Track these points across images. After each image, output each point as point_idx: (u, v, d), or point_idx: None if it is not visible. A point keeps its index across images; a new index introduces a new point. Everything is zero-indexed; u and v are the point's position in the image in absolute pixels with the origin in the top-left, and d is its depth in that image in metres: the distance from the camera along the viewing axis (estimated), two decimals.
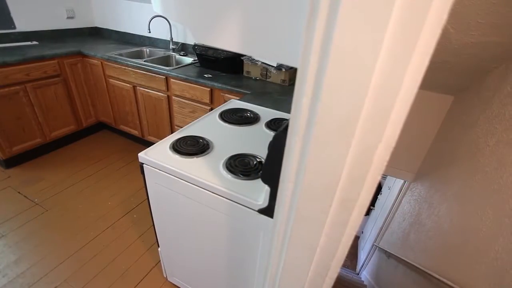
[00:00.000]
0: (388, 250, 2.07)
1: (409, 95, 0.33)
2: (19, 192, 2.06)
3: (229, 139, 1.15)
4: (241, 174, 0.92)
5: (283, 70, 1.96)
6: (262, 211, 0.81)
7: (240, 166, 0.96)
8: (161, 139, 2.46)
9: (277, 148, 0.62)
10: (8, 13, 2.38)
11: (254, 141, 1.15)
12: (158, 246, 1.34)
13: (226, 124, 1.27)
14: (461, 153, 1.27)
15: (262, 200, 0.82)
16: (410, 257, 1.58)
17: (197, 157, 1.01)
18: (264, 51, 0.52)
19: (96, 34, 3.10)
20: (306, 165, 0.42)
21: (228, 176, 0.92)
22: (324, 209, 0.46)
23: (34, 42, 2.52)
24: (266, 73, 2.05)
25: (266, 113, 1.44)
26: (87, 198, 2.06)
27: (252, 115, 1.37)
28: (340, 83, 0.34)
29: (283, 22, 0.45)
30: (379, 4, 0.27)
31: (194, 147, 1.05)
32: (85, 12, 2.96)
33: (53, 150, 2.54)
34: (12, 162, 2.27)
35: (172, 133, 2.33)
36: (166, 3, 0.63)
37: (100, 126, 2.89)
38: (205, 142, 1.08)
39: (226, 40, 0.55)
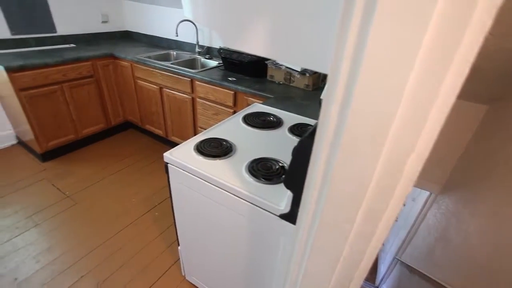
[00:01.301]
0: (411, 265, 1.98)
1: (446, 106, 0.32)
2: (53, 185, 2.19)
3: (252, 143, 1.16)
4: (263, 178, 0.93)
5: (307, 75, 1.95)
6: (284, 217, 0.81)
7: (263, 170, 0.97)
8: (184, 140, 2.52)
9: (302, 153, 0.62)
10: (51, 18, 2.56)
11: (277, 145, 1.16)
12: (178, 245, 1.37)
13: (249, 128, 1.28)
14: (498, 167, 1.19)
15: (284, 205, 0.82)
16: (436, 274, 1.50)
17: (220, 159, 1.02)
18: (292, 56, 0.52)
19: (127, 37, 3.26)
20: (333, 173, 0.42)
21: (250, 179, 0.93)
22: (350, 219, 0.45)
23: (72, 45, 2.69)
24: (290, 77, 2.05)
25: (289, 118, 1.44)
26: (113, 193, 2.15)
27: (275, 119, 1.38)
28: (372, 90, 0.33)
29: (313, 27, 0.45)
30: (418, 9, 0.27)
31: (217, 149, 1.07)
32: (118, 16, 3.12)
33: (83, 146, 2.68)
34: (48, 156, 2.43)
35: (195, 134, 2.39)
36: (197, 9, 0.65)
37: (127, 125, 3.02)
38: (228, 144, 1.10)
39: (255, 45, 0.56)
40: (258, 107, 1.57)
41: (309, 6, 0.43)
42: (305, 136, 0.62)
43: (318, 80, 2.07)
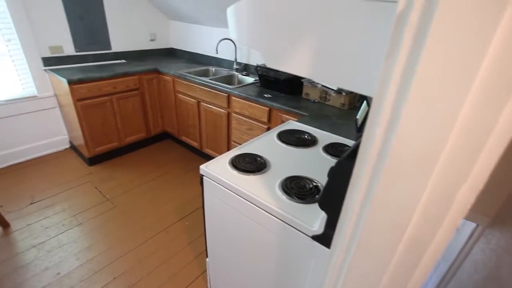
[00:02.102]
0: None
1: (505, 137, 0.30)
2: (96, 187, 2.36)
3: (285, 160, 1.16)
4: (296, 197, 0.92)
5: (343, 94, 1.92)
6: (317, 238, 0.79)
7: (296, 188, 0.96)
8: (217, 152, 2.57)
9: (339, 175, 0.61)
10: (108, 37, 2.86)
11: (311, 164, 1.14)
12: (207, 256, 1.38)
13: (284, 145, 1.29)
14: None
15: (317, 226, 0.80)
16: None
17: (254, 175, 1.04)
18: (335, 78, 0.52)
19: (171, 54, 3.50)
20: (374, 197, 0.40)
21: (283, 197, 0.93)
22: (391, 247, 0.43)
23: (123, 61, 2.96)
24: (326, 96, 2.04)
25: (324, 137, 1.42)
26: (149, 200, 2.26)
27: (309, 138, 1.37)
28: (422, 115, 0.32)
29: (358, 50, 0.46)
30: (478, 28, 0.26)
31: (251, 164, 1.09)
32: (164, 35, 3.38)
33: (125, 153, 2.87)
34: (94, 160, 2.64)
35: (228, 147, 2.45)
36: (242, 31, 0.69)
37: (165, 136, 3.19)
38: (262, 160, 1.11)
39: (298, 66, 0.57)
40: (292, 124, 1.58)
41: (356, 29, 0.44)
42: (343, 157, 0.61)
43: (354, 100, 2.03)
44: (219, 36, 2.78)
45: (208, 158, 2.77)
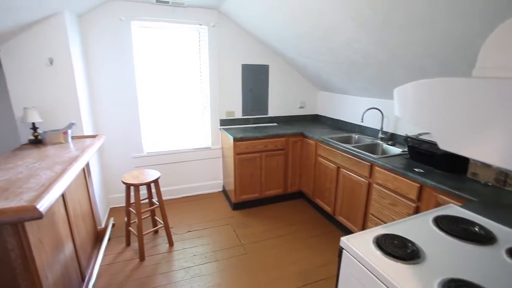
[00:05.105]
0: None
1: None
2: (234, 231, 2.68)
3: (446, 255, 0.95)
4: None
5: None
6: None
7: None
8: (350, 222, 2.41)
9: None
10: (267, 104, 3.49)
11: (487, 269, 0.88)
12: None
13: (443, 234, 1.07)
14: None
15: None
16: None
17: (402, 263, 0.90)
18: None
19: (316, 120, 3.80)
20: None
21: None
22: None
23: (274, 124, 3.47)
24: (505, 179, 1.59)
25: (506, 234, 1.08)
26: (276, 255, 2.32)
27: (482, 232, 1.08)
28: None
29: None
30: None
31: (400, 249, 0.95)
32: (312, 103, 3.76)
33: (261, 205, 3.16)
34: (237, 206, 3.04)
35: (365, 220, 2.25)
36: (414, 113, 0.69)
37: (299, 195, 3.32)
38: (414, 248, 0.96)
39: (488, 154, 0.51)
40: (455, 210, 1.30)
41: None
42: None
43: None
44: (365, 105, 2.81)
45: (340, 225, 2.63)
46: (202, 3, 2.77)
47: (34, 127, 2.11)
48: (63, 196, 1.67)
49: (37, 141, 2.13)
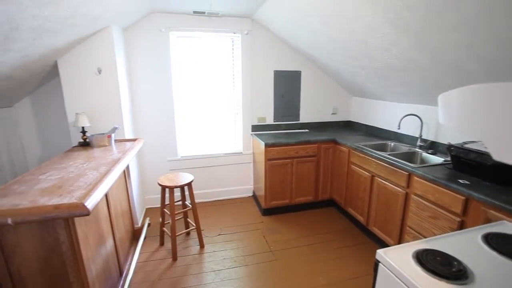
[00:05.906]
0: None
1: None
2: (263, 236, 2.67)
3: (498, 277, 0.87)
4: None
5: None
6: None
7: None
8: (385, 234, 2.30)
9: None
10: (298, 110, 3.47)
11: None
12: None
13: (495, 253, 0.98)
14: None
15: None
16: None
17: (446, 282, 0.84)
18: None
19: (349, 126, 3.68)
20: None
21: None
22: None
23: (306, 130, 3.43)
24: None
25: None
26: (305, 264, 2.27)
27: None
28: None
29: None
30: None
31: (444, 267, 0.89)
32: (345, 109, 3.66)
33: (291, 212, 3.12)
34: (267, 212, 3.04)
35: (401, 232, 2.13)
36: (462, 120, 0.65)
37: (330, 203, 3.22)
38: (461, 267, 0.89)
39: None
40: (509, 227, 1.18)
41: None
42: None
43: None
44: (402, 111, 2.67)
45: (373, 237, 2.50)
46: (236, 12, 2.85)
47: (83, 131, 2.31)
48: (106, 195, 1.79)
49: (85, 144, 2.32)
